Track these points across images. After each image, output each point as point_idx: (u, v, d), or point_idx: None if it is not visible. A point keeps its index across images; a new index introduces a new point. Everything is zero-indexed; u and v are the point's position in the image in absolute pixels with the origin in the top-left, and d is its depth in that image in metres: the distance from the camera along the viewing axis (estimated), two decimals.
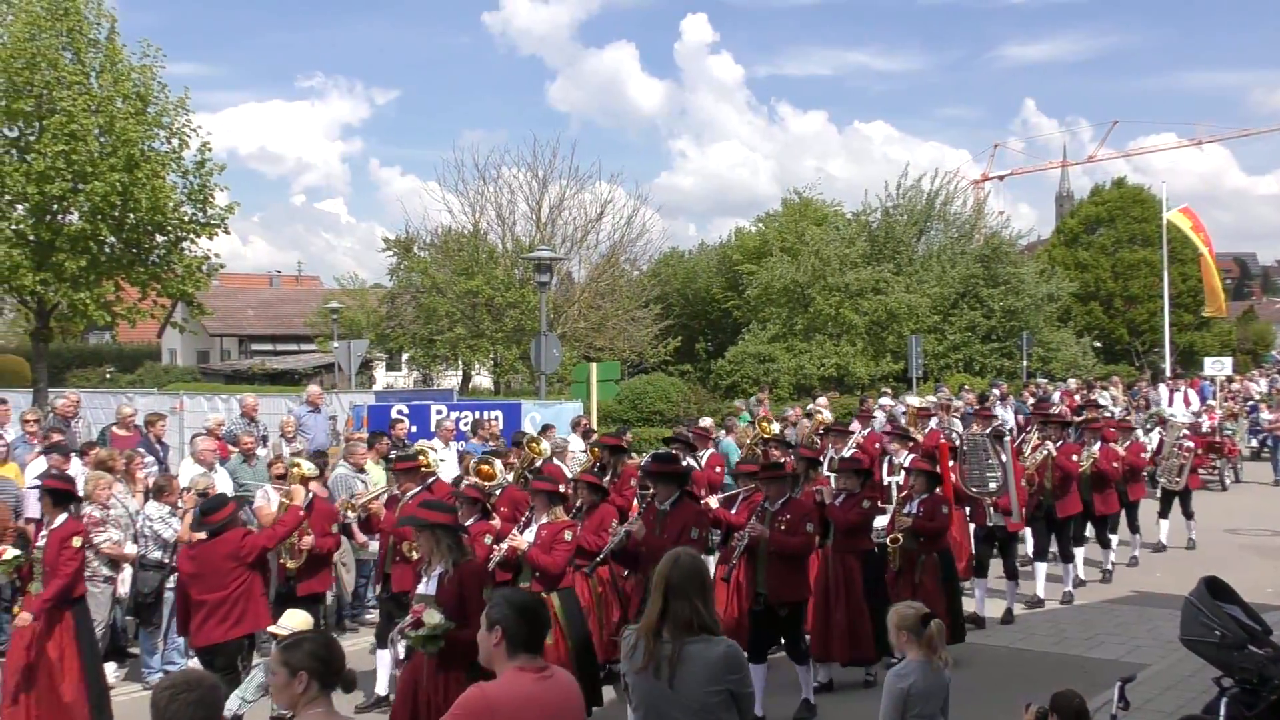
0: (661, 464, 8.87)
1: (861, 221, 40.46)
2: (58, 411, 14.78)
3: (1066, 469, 12.59)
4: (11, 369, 45.85)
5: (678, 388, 28.50)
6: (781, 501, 9.05)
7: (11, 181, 22.92)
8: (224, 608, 8.20)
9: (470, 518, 8.64)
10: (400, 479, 9.89)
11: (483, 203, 36.33)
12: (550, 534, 8.42)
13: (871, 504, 10.06)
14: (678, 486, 8.49)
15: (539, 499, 8.73)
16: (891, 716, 5.44)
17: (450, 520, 6.88)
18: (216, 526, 8.32)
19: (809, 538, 8.98)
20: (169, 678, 3.80)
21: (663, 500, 8.44)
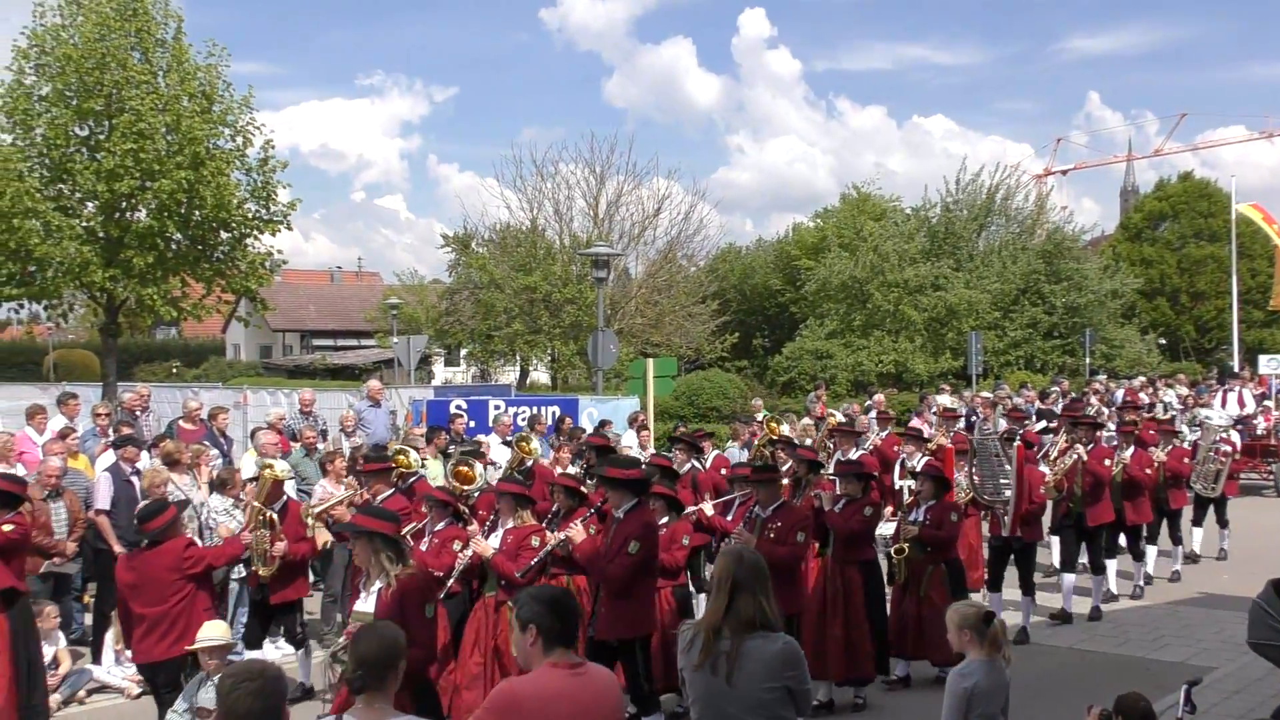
0: (617, 469, 8.15)
1: (921, 217, 40.09)
2: (127, 405, 15.06)
3: (1098, 474, 11.67)
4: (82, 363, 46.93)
5: (734, 384, 28.44)
6: (773, 508, 8.55)
7: (82, 179, 23.43)
8: (164, 623, 7.58)
9: (440, 522, 8.36)
10: (369, 481, 9.45)
11: (540, 199, 36.57)
12: (516, 540, 7.95)
13: (874, 511, 9.40)
14: (633, 494, 7.88)
15: (504, 502, 8.22)
16: (955, 717, 5.38)
17: (390, 529, 6.30)
18: (155, 534, 7.69)
19: (799, 547, 8.44)
20: (233, 667, 3.85)
21: (616, 507, 7.87)
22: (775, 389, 35.22)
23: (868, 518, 9.19)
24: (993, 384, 28.19)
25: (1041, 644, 10.65)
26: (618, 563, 7.52)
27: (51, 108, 23.85)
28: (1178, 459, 13.48)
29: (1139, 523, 12.71)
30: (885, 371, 34.50)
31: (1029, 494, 10.63)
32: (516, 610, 4.42)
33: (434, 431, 13.89)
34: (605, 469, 8.32)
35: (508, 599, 7.59)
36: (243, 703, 3.61)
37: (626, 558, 7.56)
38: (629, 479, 7.90)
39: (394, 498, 9.08)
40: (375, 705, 4.08)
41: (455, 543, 8.11)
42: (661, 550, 8.11)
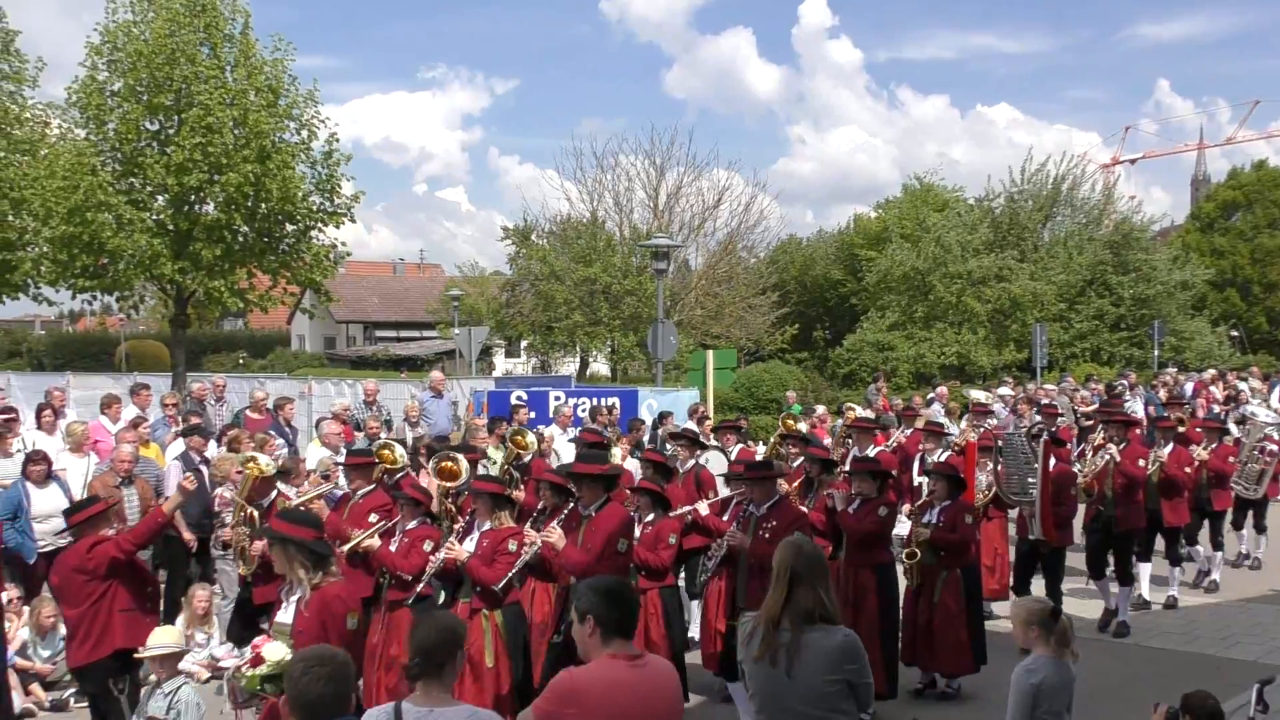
0: (585, 463, 7.76)
1: (984, 207, 39.56)
2: (198, 394, 15.35)
3: (1131, 475, 10.73)
4: (152, 354, 47.87)
5: (795, 375, 28.30)
6: (768, 506, 8.06)
7: (152, 173, 23.91)
8: (81, 626, 7.09)
9: (412, 520, 7.90)
10: (350, 476, 9.06)
11: (601, 190, 36.65)
12: (493, 543, 7.33)
13: (890, 511, 8.83)
14: (604, 490, 7.54)
15: (480, 502, 7.60)
16: (1021, 714, 5.32)
17: (310, 535, 5.86)
18: (74, 531, 7.24)
19: None
20: (303, 652, 3.89)
21: (587, 505, 7.46)
22: (836, 381, 35.00)
23: (883, 519, 8.67)
24: (1058, 377, 27.79)
25: (1106, 641, 10.49)
26: (605, 565, 7.02)
27: (123, 103, 24.39)
28: (1221, 458, 12.47)
29: (1176, 525, 11.83)
30: (948, 364, 34.14)
31: (1059, 495, 9.92)
32: (575, 601, 4.44)
33: (495, 422, 13.99)
34: (575, 463, 7.96)
35: (483, 606, 7.23)
36: (314, 688, 3.64)
37: (618, 557, 7.19)
38: (599, 474, 7.58)
39: (374, 494, 8.71)
40: (432, 693, 4.11)
41: (426, 543, 7.66)
42: (646, 549, 7.81)
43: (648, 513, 8.14)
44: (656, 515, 8.10)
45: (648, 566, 7.88)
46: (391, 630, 7.66)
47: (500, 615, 7.29)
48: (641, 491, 8.35)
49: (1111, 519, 10.76)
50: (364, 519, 8.32)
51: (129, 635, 7.02)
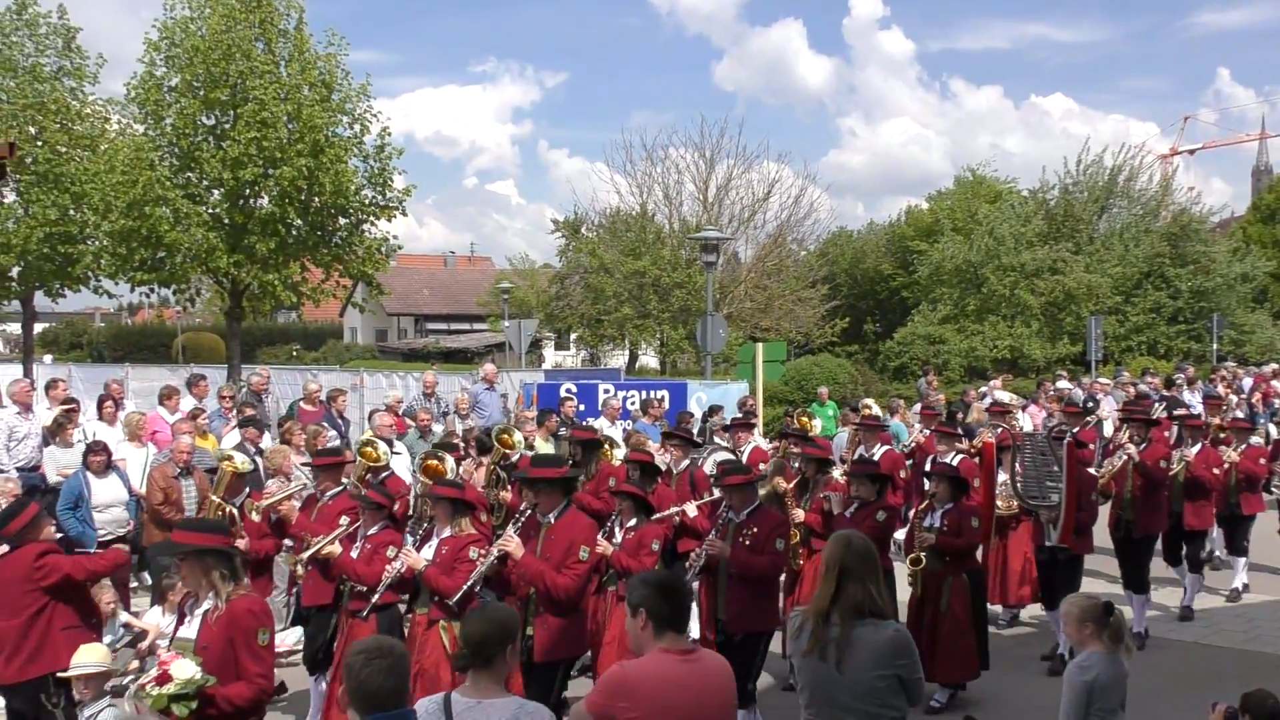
0: (542, 467, 7.33)
1: (1039, 199, 39.08)
2: (254, 387, 15.56)
3: (1153, 476, 10.27)
4: (208, 346, 48.67)
5: (845, 369, 28.16)
6: (749, 512, 7.70)
7: (209, 167, 24.26)
8: (13, 640, 6.63)
9: (374, 525, 7.52)
10: (319, 477, 8.64)
11: (650, 183, 36.62)
12: (453, 551, 6.93)
13: (889, 516, 8.42)
14: (564, 494, 7.15)
15: (440, 508, 7.18)
16: (1074, 712, 5.26)
17: (221, 542, 5.53)
18: (13, 538, 6.78)
19: (778, 556, 7.61)
20: (362, 643, 3.90)
21: (545, 512, 7.07)
22: (886, 374, 34.79)
23: (880, 523, 8.19)
24: (1113, 370, 27.41)
25: (1163, 638, 10.32)
26: (568, 573, 6.77)
27: (180, 98, 24.76)
28: (1253, 459, 11.63)
29: (1199, 528, 11.23)
30: (1000, 357, 33.80)
31: (1081, 500, 9.32)
32: (628, 594, 4.45)
33: (544, 414, 14.06)
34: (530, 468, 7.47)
35: (441, 617, 6.86)
36: (375, 680, 3.66)
37: (579, 565, 6.81)
38: (557, 478, 7.15)
39: (344, 495, 8.31)
40: (482, 685, 4.14)
41: (389, 550, 7.27)
42: (628, 555, 7.52)
43: (630, 517, 7.80)
44: (639, 520, 7.79)
45: (629, 574, 7.43)
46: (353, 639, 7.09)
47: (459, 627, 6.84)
48: (623, 495, 7.98)
49: (1131, 522, 10.34)
50: (332, 521, 7.95)
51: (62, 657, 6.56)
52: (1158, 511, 10.51)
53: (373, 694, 3.68)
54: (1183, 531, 11.04)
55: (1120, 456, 10.47)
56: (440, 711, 4.05)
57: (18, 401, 12.70)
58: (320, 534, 7.76)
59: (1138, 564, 10.34)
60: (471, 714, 4.04)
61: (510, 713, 4.06)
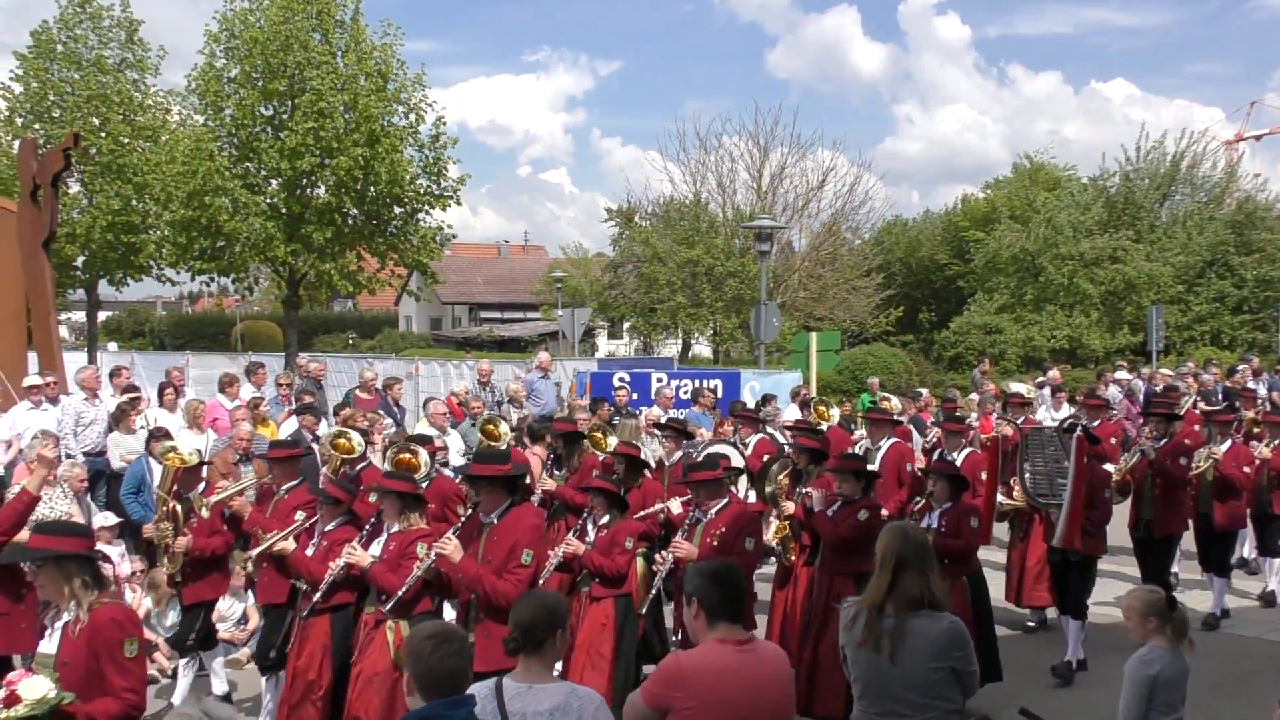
0: (484, 464, 6.84)
1: (1098, 186, 38.46)
2: (313, 375, 15.74)
3: (1169, 474, 9.72)
4: (266, 334, 49.33)
5: (899, 358, 28.00)
6: (717, 509, 7.36)
7: (267, 158, 24.58)
8: None
9: (332, 521, 7.17)
10: (274, 471, 8.20)
11: (704, 172, 36.56)
12: (400, 546, 6.59)
13: (871, 515, 7.81)
14: (507, 493, 6.68)
15: (388, 501, 6.81)
16: (1135, 706, 5.18)
17: (82, 546, 5.03)
18: None
19: (748, 556, 7.17)
20: (427, 628, 3.89)
21: (488, 511, 6.61)
22: (941, 364, 34.48)
23: (863, 522, 7.61)
24: (1175, 361, 26.95)
25: (1226, 632, 10.13)
26: (510, 578, 6.30)
27: (239, 89, 25.10)
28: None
29: (1230, 529, 10.65)
30: (1058, 347, 33.37)
31: (1092, 498, 8.77)
32: (685, 584, 4.45)
33: (597, 403, 14.09)
34: (472, 464, 6.99)
35: (388, 616, 6.56)
36: (448, 663, 3.66)
37: (521, 570, 6.35)
38: (501, 475, 6.66)
39: (300, 489, 7.88)
40: (533, 669, 4.16)
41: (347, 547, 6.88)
42: (600, 554, 7.25)
43: (602, 514, 7.52)
44: (612, 517, 7.49)
45: (602, 573, 7.25)
46: (303, 639, 7.05)
47: (408, 626, 6.47)
48: (594, 491, 7.64)
49: (1150, 522, 9.88)
50: (288, 517, 7.57)
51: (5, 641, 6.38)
52: (1178, 511, 10.01)
53: (445, 678, 3.67)
54: (1213, 533, 10.51)
55: (1135, 453, 10.03)
56: (492, 696, 4.07)
57: (85, 388, 12.99)
58: (273, 530, 7.41)
59: (1158, 566, 9.90)
60: (522, 698, 4.05)
61: (561, 697, 4.08)
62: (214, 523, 8.25)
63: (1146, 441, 10.00)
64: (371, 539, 6.84)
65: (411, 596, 6.51)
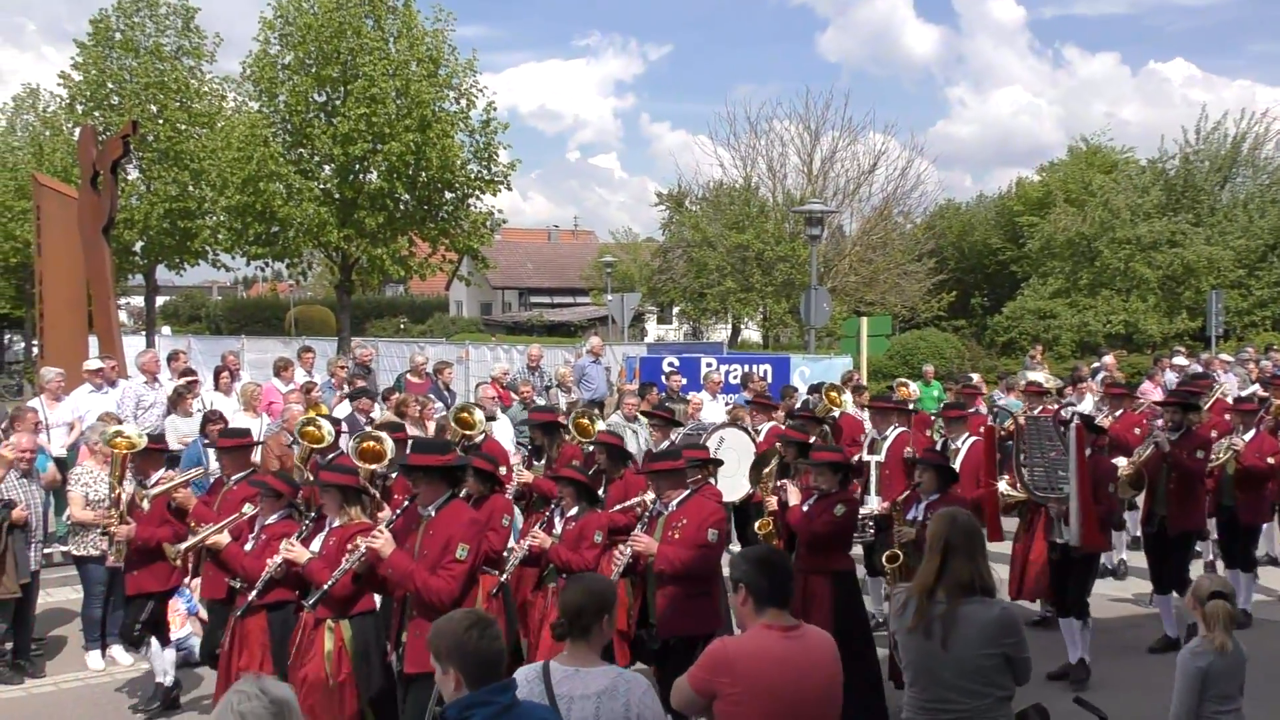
0: (421, 454, 6.48)
1: (1156, 169, 37.78)
2: (361, 360, 15.92)
3: (1184, 469, 9.27)
4: (319, 319, 49.84)
5: (951, 343, 27.74)
6: (679, 501, 7.04)
7: (320, 143, 24.80)
8: None
9: (271, 515, 6.91)
10: (224, 461, 8.03)
11: (754, 156, 36.36)
12: (340, 541, 6.35)
13: (847, 510, 7.45)
14: (448, 485, 6.32)
15: (329, 496, 6.53)
16: (1188, 698, 5.12)
17: None
18: None
19: (710, 549, 6.89)
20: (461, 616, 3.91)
21: (426, 503, 6.25)
22: (994, 349, 34.13)
23: (838, 518, 7.34)
24: (1235, 346, 26.47)
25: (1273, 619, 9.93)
26: (444, 574, 5.97)
27: (293, 75, 25.32)
28: None
29: (1254, 523, 10.23)
30: (1114, 332, 32.90)
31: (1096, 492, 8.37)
32: (730, 571, 4.48)
33: (646, 388, 14.11)
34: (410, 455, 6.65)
35: (328, 615, 6.29)
36: (493, 645, 3.69)
37: (456, 565, 5.99)
38: (436, 466, 6.30)
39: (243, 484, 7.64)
40: (579, 654, 4.20)
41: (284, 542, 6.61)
42: (567, 548, 6.99)
43: (571, 505, 7.25)
44: (581, 509, 7.23)
45: (569, 568, 6.91)
46: (241, 640, 6.83)
47: (348, 626, 6.33)
48: (563, 481, 7.36)
49: (1164, 518, 9.41)
50: (236, 509, 7.32)
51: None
52: (1195, 507, 9.53)
53: (491, 662, 3.66)
54: (1237, 527, 10.11)
55: (1148, 444, 9.59)
56: (539, 679, 4.11)
57: (145, 371, 13.25)
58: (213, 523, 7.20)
59: (1171, 564, 9.44)
60: (569, 682, 4.10)
61: (608, 680, 4.11)
62: (161, 513, 8.01)
63: (1160, 433, 9.59)
64: (314, 534, 6.60)
65: (345, 593, 6.24)
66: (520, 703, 3.71)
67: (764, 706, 4.15)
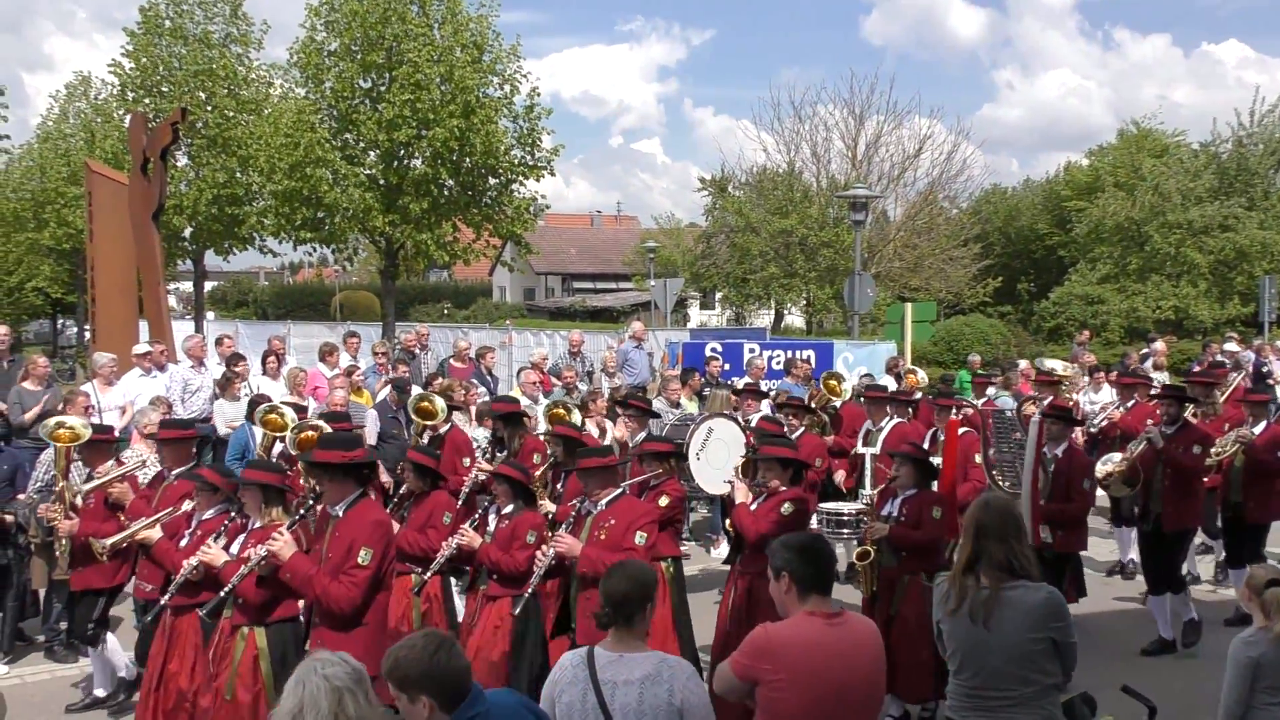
0: (330, 449, 6.10)
1: (1209, 153, 37.17)
2: (405, 344, 16.03)
3: (1179, 465, 8.80)
4: (364, 304, 50.24)
5: (997, 329, 27.48)
6: (608, 501, 6.65)
7: (365, 129, 24.95)
8: None
9: (208, 510, 6.60)
10: (164, 453, 7.76)
11: (798, 141, 36.18)
12: (258, 543, 5.99)
13: (796, 509, 6.90)
14: (356, 484, 6.00)
15: (249, 494, 6.22)
16: (1238, 689, 5.05)
17: None
18: None
19: (635, 553, 6.24)
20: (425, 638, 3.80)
21: (333, 502, 5.95)
22: (1040, 335, 33.80)
23: (784, 517, 6.78)
24: None
25: None
26: (345, 580, 5.67)
27: (339, 62, 25.48)
28: None
29: (1263, 521, 9.64)
30: (1164, 318, 32.46)
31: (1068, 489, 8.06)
32: (770, 558, 4.47)
33: (688, 374, 14.11)
34: (317, 451, 6.27)
35: (243, 622, 6.00)
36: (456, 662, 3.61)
37: (358, 571, 5.68)
38: (342, 463, 5.95)
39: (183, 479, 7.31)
40: (624, 641, 4.21)
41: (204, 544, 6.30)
42: (498, 549, 6.68)
43: (506, 503, 6.92)
44: (516, 508, 6.89)
45: (498, 570, 6.65)
46: (172, 640, 6.55)
47: (263, 634, 5.98)
48: (499, 478, 6.99)
49: (1159, 517, 8.95)
50: (176, 504, 7.10)
51: None
52: (1191, 504, 9.03)
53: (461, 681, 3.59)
54: (1244, 525, 9.60)
55: (1140, 440, 9.12)
56: (583, 665, 4.14)
57: (191, 356, 13.41)
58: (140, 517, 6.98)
59: (1167, 564, 9.02)
60: (613, 667, 4.12)
61: (652, 666, 4.13)
62: (103, 508, 7.76)
63: (1154, 428, 9.09)
64: (236, 534, 6.33)
65: (259, 599, 5.91)
66: (491, 704, 3.65)
67: (807, 693, 4.14)
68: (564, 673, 4.20)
